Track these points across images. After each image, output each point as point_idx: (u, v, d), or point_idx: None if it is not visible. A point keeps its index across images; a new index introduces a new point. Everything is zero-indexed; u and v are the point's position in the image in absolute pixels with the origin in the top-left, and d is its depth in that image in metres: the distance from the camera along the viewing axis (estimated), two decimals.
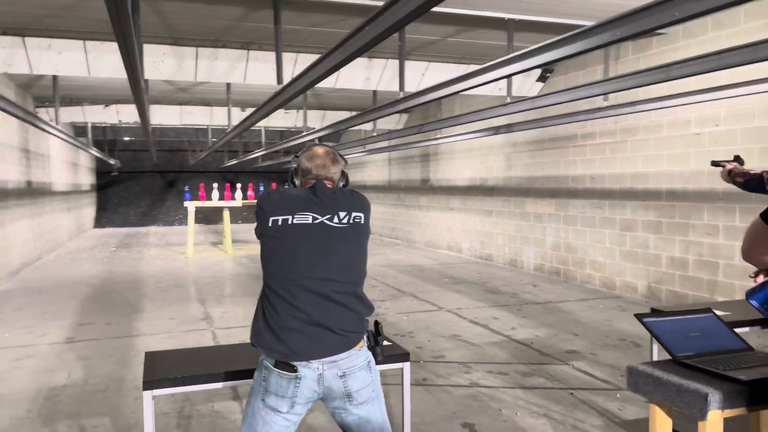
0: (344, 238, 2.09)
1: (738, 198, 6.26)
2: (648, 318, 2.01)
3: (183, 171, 25.70)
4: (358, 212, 2.15)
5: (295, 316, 2.02)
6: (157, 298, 7.93)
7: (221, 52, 7.68)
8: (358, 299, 2.10)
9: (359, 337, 2.09)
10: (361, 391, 2.07)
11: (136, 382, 4.51)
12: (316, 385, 2.03)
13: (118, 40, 3.32)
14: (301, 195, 2.14)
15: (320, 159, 2.21)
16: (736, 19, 6.15)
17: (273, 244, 2.07)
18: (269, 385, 2.03)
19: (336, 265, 2.07)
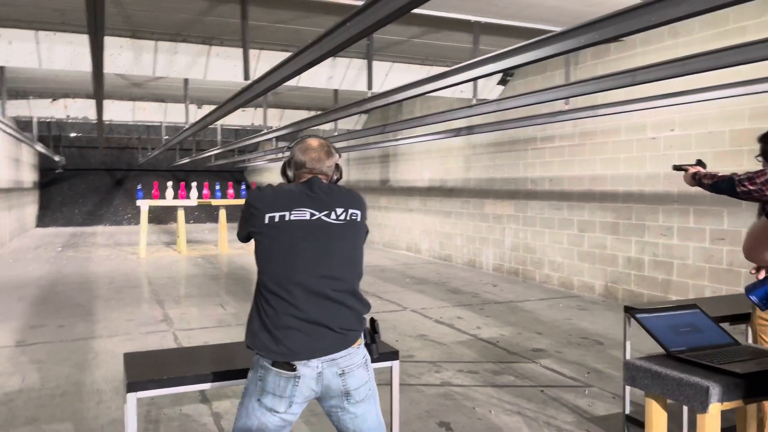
0: (342, 236, 2.05)
1: (692, 200, 6.50)
2: (641, 314, 2.05)
3: (132, 169, 24.97)
4: (355, 209, 2.11)
5: (293, 315, 1.96)
6: (111, 299, 7.65)
7: (181, 46, 7.47)
8: (356, 297, 2.06)
9: (357, 335, 2.06)
10: (359, 389, 2.04)
11: (96, 386, 4.34)
12: (315, 384, 1.98)
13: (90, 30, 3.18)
14: (296, 190, 2.07)
15: (315, 152, 2.14)
16: (690, 28, 6.39)
17: (269, 241, 2.00)
18: (266, 385, 1.97)
19: (335, 263, 2.03)
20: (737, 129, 6.03)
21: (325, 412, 2.12)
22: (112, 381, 4.45)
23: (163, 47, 7.35)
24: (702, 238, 6.40)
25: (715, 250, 6.27)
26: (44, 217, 21.30)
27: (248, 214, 2.06)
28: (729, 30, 6.04)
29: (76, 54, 7.07)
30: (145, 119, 13.30)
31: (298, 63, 4.11)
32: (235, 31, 7.15)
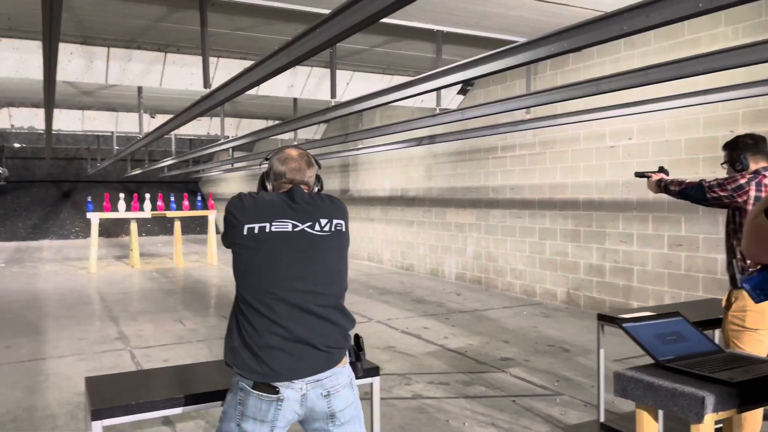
0: (327, 248, 1.95)
1: (650, 208, 6.64)
2: (628, 323, 2.02)
3: (80, 181, 24.12)
4: (339, 219, 2.01)
5: (275, 332, 1.85)
6: (61, 317, 7.30)
7: (136, 53, 7.23)
8: (341, 312, 1.96)
9: (342, 354, 1.96)
10: (344, 410, 1.94)
11: (50, 410, 4.09)
12: (299, 407, 1.87)
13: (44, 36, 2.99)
14: (277, 200, 1.97)
15: (295, 162, 2.05)
16: (647, 39, 6.55)
17: (249, 254, 1.89)
18: (246, 409, 1.85)
19: (318, 276, 1.93)
20: (692, 138, 6.20)
21: None
22: (66, 404, 4.20)
23: (116, 54, 7.09)
24: (661, 244, 6.54)
25: (673, 255, 6.41)
26: None
27: (228, 224, 1.96)
28: (684, 41, 6.22)
29: (23, 61, 6.75)
30: (95, 129, 12.85)
31: (264, 70, 4.00)
32: (192, 38, 6.98)
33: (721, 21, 5.84)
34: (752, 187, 2.99)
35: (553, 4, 5.64)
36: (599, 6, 5.48)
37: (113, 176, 23.52)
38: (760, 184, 3.01)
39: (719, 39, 5.89)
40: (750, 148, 3.13)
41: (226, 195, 22.81)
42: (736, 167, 3.12)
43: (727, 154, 3.20)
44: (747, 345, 2.88)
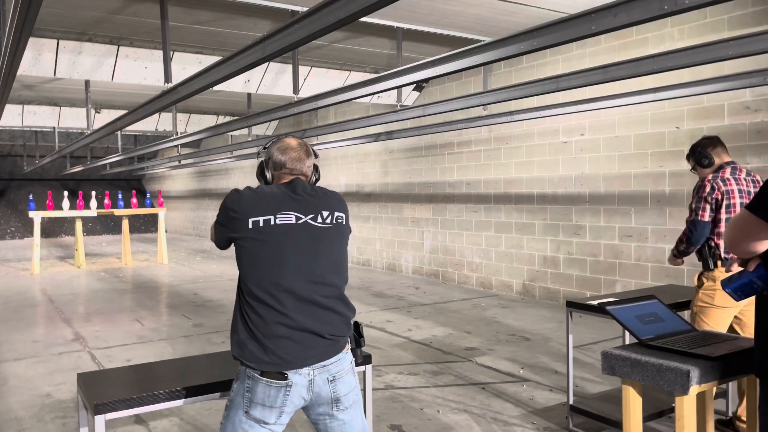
0: (329, 240, 2.00)
1: (601, 201, 6.94)
2: (611, 306, 2.16)
3: (14, 179, 23.04)
4: (340, 212, 2.06)
5: (282, 323, 1.89)
6: (10, 319, 7.01)
7: (87, 46, 7.01)
8: (344, 302, 2.02)
9: (346, 341, 2.02)
10: (348, 395, 2.00)
11: (14, 414, 3.96)
12: (306, 392, 1.92)
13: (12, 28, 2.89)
14: (279, 193, 1.99)
15: (295, 151, 2.07)
16: (597, 39, 6.82)
17: (254, 247, 1.91)
18: (255, 396, 1.88)
19: (323, 268, 1.97)
20: (641, 133, 6.51)
21: (312, 421, 2.05)
22: (30, 407, 4.07)
23: (66, 47, 6.85)
24: (612, 235, 6.84)
25: (624, 246, 6.72)
26: None
27: (228, 219, 1.96)
28: (632, 41, 6.51)
29: None
30: (35, 124, 12.33)
31: (236, 65, 3.97)
32: (147, 32, 6.82)
33: (667, 22, 6.16)
34: (719, 184, 3.21)
35: (511, 3, 5.81)
36: (555, 6, 5.68)
37: (51, 174, 22.59)
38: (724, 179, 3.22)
39: (666, 39, 6.21)
40: (707, 145, 3.37)
41: (171, 192, 22.28)
42: (703, 163, 3.34)
43: (692, 159, 3.42)
44: (712, 321, 3.12)
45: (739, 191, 3.23)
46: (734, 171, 3.28)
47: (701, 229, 3.21)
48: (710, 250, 3.19)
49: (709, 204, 3.20)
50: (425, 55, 5.26)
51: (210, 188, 18.85)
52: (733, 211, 3.19)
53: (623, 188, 6.71)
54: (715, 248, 3.19)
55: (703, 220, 3.21)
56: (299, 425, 3.66)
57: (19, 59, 3.60)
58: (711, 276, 3.20)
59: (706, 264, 3.23)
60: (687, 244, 3.31)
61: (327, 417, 1.99)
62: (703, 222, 3.21)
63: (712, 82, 4.95)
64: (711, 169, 3.31)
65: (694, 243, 3.27)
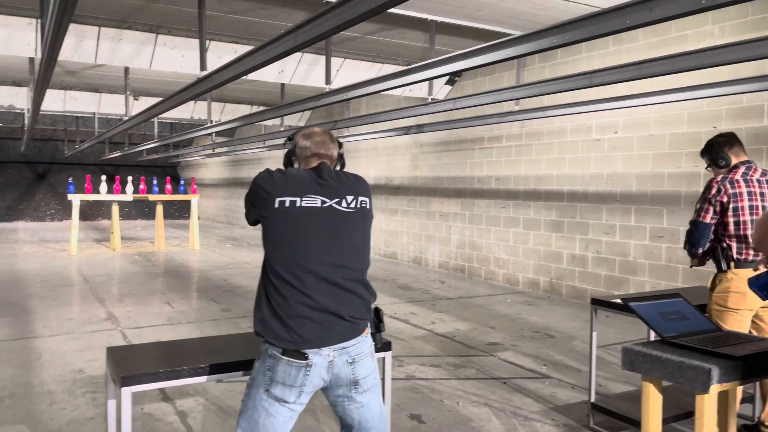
0: (353, 224, 2.04)
1: (633, 200, 6.83)
2: (634, 302, 2.14)
3: (56, 162, 23.67)
4: (364, 197, 2.10)
5: (304, 303, 1.93)
6: (46, 297, 7.24)
7: (126, 33, 7.17)
8: (365, 286, 2.06)
9: (366, 324, 2.06)
10: (366, 378, 2.04)
11: (46, 387, 4.10)
12: (326, 373, 1.96)
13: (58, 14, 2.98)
14: (306, 176, 2.04)
15: (319, 136, 2.14)
16: (634, 35, 6.71)
17: (279, 227, 1.96)
18: (275, 375, 1.93)
19: (346, 251, 2.01)
20: (676, 132, 6.39)
21: (331, 403, 2.10)
22: (63, 381, 4.22)
23: (107, 34, 7.02)
24: (642, 235, 6.74)
25: (654, 247, 6.61)
26: None
27: (257, 197, 2.01)
28: (671, 38, 6.38)
29: (11, 38, 6.65)
30: (76, 110, 12.65)
31: (268, 54, 4.03)
32: (184, 21, 6.94)
33: (708, 19, 6.02)
34: (726, 186, 3.15)
35: None
36: (590, 1, 5.60)
37: (90, 159, 23.14)
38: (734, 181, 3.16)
39: (706, 37, 6.07)
40: (724, 144, 3.29)
41: (204, 180, 22.63)
42: (720, 164, 3.28)
43: (708, 158, 3.35)
44: (729, 324, 3.07)
45: (748, 193, 3.17)
46: (747, 172, 3.21)
47: (702, 230, 3.17)
48: (723, 252, 3.14)
49: (712, 206, 3.15)
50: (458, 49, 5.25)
51: (242, 177, 19.09)
52: (742, 213, 3.14)
53: (656, 188, 6.59)
54: (727, 249, 3.14)
55: (704, 221, 3.16)
56: (320, 410, 3.72)
57: (60, 44, 3.70)
58: (724, 278, 3.16)
59: (719, 266, 3.18)
60: (689, 245, 3.27)
61: (345, 399, 2.03)
62: (704, 223, 3.16)
63: (752, 81, 4.83)
64: (726, 169, 3.24)
65: (695, 243, 3.23)
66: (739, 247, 3.16)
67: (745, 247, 3.16)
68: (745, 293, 3.06)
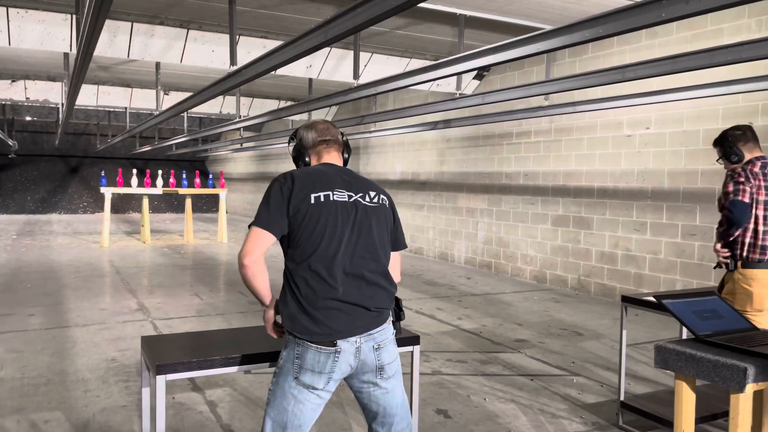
0: (376, 218, 2.08)
1: (665, 197, 6.72)
2: (667, 300, 2.11)
3: (88, 156, 24.18)
4: (384, 196, 2.18)
5: (331, 296, 1.97)
6: (79, 288, 7.41)
7: (158, 29, 7.27)
8: (387, 278, 2.10)
9: (389, 313, 2.12)
10: (391, 364, 2.10)
11: (80, 375, 4.21)
12: (353, 359, 2.01)
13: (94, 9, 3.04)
14: (329, 171, 2.09)
15: (321, 124, 2.22)
16: (668, 29, 6.58)
17: (313, 222, 1.98)
18: (304, 362, 1.96)
19: (371, 245, 2.05)
20: (711, 128, 6.25)
21: (356, 390, 2.12)
22: (96, 369, 4.32)
23: (139, 29, 7.13)
24: (674, 233, 6.62)
25: (686, 245, 6.49)
26: None
27: (284, 197, 2.00)
28: (706, 32, 6.25)
29: (48, 33, 6.80)
30: (108, 104, 12.89)
31: (297, 49, 4.05)
32: (214, 16, 7.02)
33: (744, 13, 5.88)
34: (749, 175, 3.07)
35: None
36: None
37: (121, 152, 23.58)
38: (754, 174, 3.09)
39: (742, 30, 5.93)
40: (739, 138, 3.21)
41: (232, 174, 22.88)
42: (732, 160, 3.19)
43: (719, 150, 3.27)
44: None
45: (766, 188, 3.09)
46: (764, 167, 3.13)
47: (742, 209, 2.99)
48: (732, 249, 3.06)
49: (748, 188, 3.05)
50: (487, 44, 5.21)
51: (270, 171, 19.25)
52: (758, 208, 3.06)
53: (689, 185, 6.47)
54: (738, 247, 3.06)
55: (743, 200, 3.02)
56: (347, 404, 3.74)
57: (96, 40, 3.78)
58: (732, 278, 3.08)
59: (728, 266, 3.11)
60: (728, 226, 3.06)
61: (371, 385, 2.07)
62: (744, 202, 3.01)
63: None
64: (739, 165, 3.16)
65: (736, 222, 3.02)
66: (750, 245, 3.08)
67: (755, 245, 3.08)
68: (751, 295, 3.00)
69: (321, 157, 2.18)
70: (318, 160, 2.18)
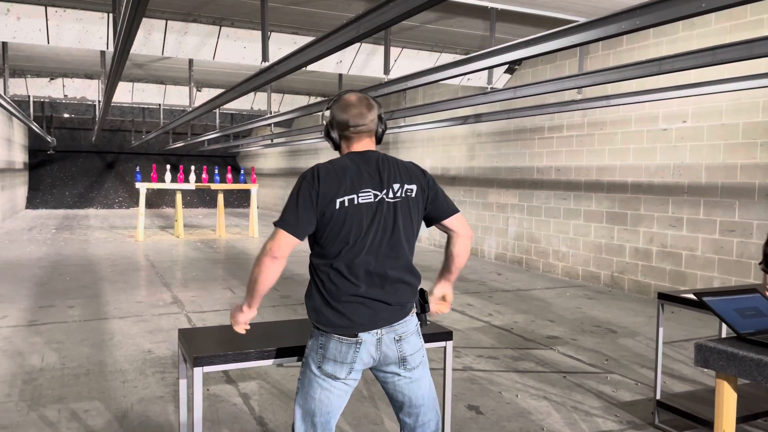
0: (399, 214, 2.04)
1: (702, 192, 6.56)
2: (708, 297, 2.07)
3: (123, 152, 24.69)
4: (411, 184, 2.07)
5: (354, 293, 1.99)
6: (116, 281, 7.58)
7: (192, 26, 7.37)
8: (411, 272, 2.10)
9: (412, 306, 2.13)
10: (414, 355, 2.10)
11: (119, 366, 4.31)
12: (374, 350, 2.02)
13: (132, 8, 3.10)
14: (355, 169, 2.01)
15: (355, 108, 2.05)
16: (707, 19, 6.41)
17: (338, 225, 1.97)
18: (327, 352, 1.99)
19: (394, 242, 2.03)
20: (751, 121, 6.08)
21: (381, 381, 2.14)
22: (134, 361, 4.42)
23: (173, 27, 7.24)
24: (712, 229, 6.47)
25: (725, 241, 6.33)
26: (34, 198, 21.03)
27: (312, 200, 1.96)
28: (746, 23, 6.07)
29: (86, 32, 6.95)
30: (143, 101, 13.14)
31: (330, 44, 4.06)
32: (247, 12, 7.08)
33: None
34: None
35: None
36: None
37: (154, 148, 24.02)
38: None
39: None
40: None
41: (263, 170, 23.11)
42: None
43: None
44: None
45: None
46: None
47: None
48: None
49: None
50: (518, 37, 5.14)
51: (300, 167, 19.39)
52: None
53: (727, 179, 6.31)
54: None
55: None
56: (378, 398, 3.76)
57: (132, 38, 3.85)
58: None
59: None
60: None
61: (395, 375, 2.10)
62: None
63: None
64: None
65: None
66: None
67: None
68: None
69: (350, 144, 2.09)
70: (347, 147, 2.10)
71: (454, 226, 2.18)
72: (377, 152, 2.11)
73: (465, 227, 2.21)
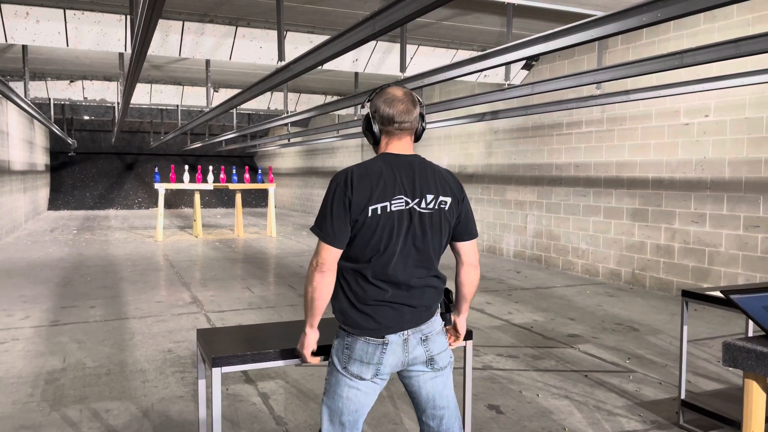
0: (431, 226, 1.99)
1: (725, 187, 6.44)
2: (735, 295, 2.01)
3: (142, 153, 24.95)
4: (445, 196, 2.02)
5: (380, 298, 1.97)
6: (137, 281, 7.65)
7: (208, 27, 7.40)
8: (437, 277, 2.07)
9: (437, 306, 2.10)
10: (441, 354, 2.07)
11: (139, 365, 4.33)
12: (401, 351, 1.99)
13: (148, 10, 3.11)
14: (389, 175, 1.96)
15: (402, 103, 1.98)
16: (728, 12, 6.29)
17: (368, 233, 1.94)
18: (353, 353, 1.97)
19: (424, 254, 2.00)
20: None
21: (405, 379, 2.11)
22: (154, 360, 4.44)
23: (190, 28, 7.28)
24: (736, 225, 6.35)
25: (749, 237, 6.21)
26: (56, 200, 21.33)
27: (345, 208, 1.92)
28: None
29: (104, 34, 7.02)
30: (161, 102, 13.25)
31: (345, 42, 4.04)
32: (262, 12, 7.09)
33: None
34: None
35: None
36: None
37: (173, 149, 24.24)
38: None
39: None
40: None
41: (280, 170, 23.20)
42: None
43: None
44: None
45: None
46: None
47: None
48: None
49: None
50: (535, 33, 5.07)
51: (317, 166, 19.43)
52: None
53: (752, 174, 6.18)
54: None
55: None
56: (397, 397, 3.74)
57: (149, 40, 3.86)
58: None
59: None
60: None
61: (420, 373, 2.07)
62: None
63: None
64: None
65: None
66: None
67: None
68: None
69: (391, 141, 2.03)
70: (387, 144, 2.04)
71: (463, 252, 2.12)
72: (415, 156, 2.04)
73: (473, 255, 2.13)
